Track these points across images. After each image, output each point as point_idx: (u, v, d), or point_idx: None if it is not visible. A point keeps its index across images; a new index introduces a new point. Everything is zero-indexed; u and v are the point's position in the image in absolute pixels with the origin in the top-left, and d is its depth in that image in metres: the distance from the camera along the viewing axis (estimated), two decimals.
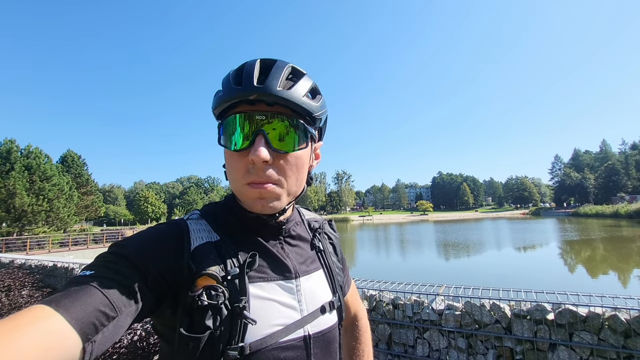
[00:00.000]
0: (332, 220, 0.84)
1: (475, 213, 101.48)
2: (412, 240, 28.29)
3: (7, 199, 24.20)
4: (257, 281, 0.58)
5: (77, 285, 0.43)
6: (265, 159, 0.54)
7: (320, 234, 0.76)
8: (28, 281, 6.75)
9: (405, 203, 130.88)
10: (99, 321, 0.41)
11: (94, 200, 38.73)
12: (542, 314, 2.97)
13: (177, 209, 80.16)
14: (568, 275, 12.98)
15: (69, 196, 29.69)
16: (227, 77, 0.59)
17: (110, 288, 0.44)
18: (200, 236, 0.58)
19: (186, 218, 0.62)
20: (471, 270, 13.83)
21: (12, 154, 25.95)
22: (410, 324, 3.52)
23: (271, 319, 0.56)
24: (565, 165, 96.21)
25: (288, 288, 0.61)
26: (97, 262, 0.49)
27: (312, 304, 0.63)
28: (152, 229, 0.57)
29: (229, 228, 0.62)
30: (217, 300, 0.50)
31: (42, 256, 12.24)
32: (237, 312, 0.52)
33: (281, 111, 0.57)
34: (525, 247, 21.10)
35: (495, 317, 3.18)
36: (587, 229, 33.20)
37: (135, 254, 0.50)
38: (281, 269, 0.62)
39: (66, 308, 0.39)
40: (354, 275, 4.84)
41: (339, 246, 0.83)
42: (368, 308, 3.82)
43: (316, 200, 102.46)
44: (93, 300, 0.42)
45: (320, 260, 0.72)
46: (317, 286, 0.67)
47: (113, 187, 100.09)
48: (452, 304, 3.43)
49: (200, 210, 0.66)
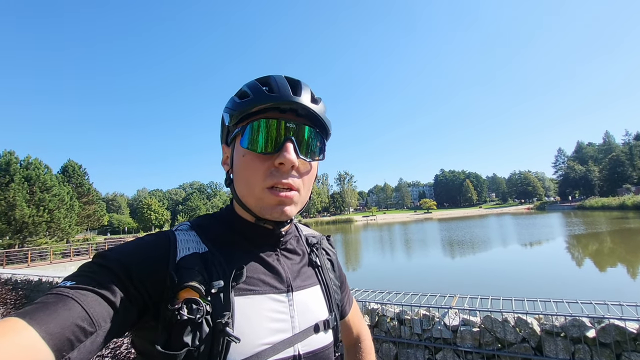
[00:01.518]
0: (330, 236, 0.82)
1: (479, 209, 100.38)
2: (418, 240, 27.64)
3: (8, 210, 24.08)
4: (246, 294, 0.55)
5: (56, 297, 0.41)
6: (295, 164, 0.56)
7: (318, 249, 0.73)
8: (10, 298, 6.37)
9: (408, 202, 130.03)
10: (76, 337, 0.39)
11: (95, 210, 38.65)
12: (581, 331, 2.46)
13: (180, 216, 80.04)
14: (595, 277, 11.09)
15: (70, 206, 29.57)
16: (256, 85, 0.60)
17: (90, 301, 0.42)
18: (187, 247, 0.56)
19: (175, 229, 0.61)
20: (484, 274, 12.50)
21: (11, 166, 25.85)
22: (420, 342, 3.02)
23: (258, 337, 0.53)
24: (568, 159, 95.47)
25: (280, 302, 0.59)
26: (79, 272, 0.47)
27: (305, 321, 0.60)
28: (137, 239, 0.56)
29: (221, 239, 0.61)
30: (196, 315, 0.47)
31: (25, 270, 11.84)
32: (219, 329, 0.49)
33: (307, 123, 0.61)
34: (535, 244, 20.39)
35: (522, 334, 2.67)
36: (597, 222, 32.37)
37: (119, 264, 0.48)
38: (274, 281, 0.60)
39: (41, 322, 0.37)
40: (355, 284, 4.35)
41: (338, 263, 0.79)
42: (370, 324, 3.33)
43: (319, 202, 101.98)
44: (71, 313, 0.40)
45: (318, 276, 0.69)
46: (312, 302, 0.64)
47: (116, 196, 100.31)
48: (468, 318, 2.93)
49: (191, 221, 0.64)
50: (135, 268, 0.49)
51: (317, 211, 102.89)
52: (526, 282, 10.35)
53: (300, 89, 0.60)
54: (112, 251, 0.51)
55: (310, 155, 0.61)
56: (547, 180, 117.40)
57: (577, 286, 9.48)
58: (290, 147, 0.56)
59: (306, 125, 0.60)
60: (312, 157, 0.62)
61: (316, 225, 77.73)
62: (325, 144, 0.65)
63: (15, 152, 26.77)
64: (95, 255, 0.50)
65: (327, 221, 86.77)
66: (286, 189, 0.57)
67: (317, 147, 0.63)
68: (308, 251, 0.72)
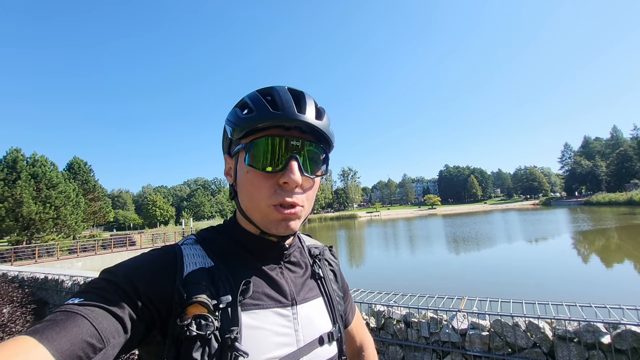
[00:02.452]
0: (332, 247, 0.81)
1: (484, 205, 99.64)
2: (422, 237, 27.50)
3: (15, 207, 24.36)
4: (252, 309, 0.56)
5: (64, 314, 0.41)
6: (299, 183, 0.57)
7: (321, 260, 0.73)
8: (16, 296, 6.41)
9: (412, 198, 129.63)
10: (85, 353, 0.40)
11: (101, 206, 38.98)
12: (595, 337, 2.37)
13: (185, 212, 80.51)
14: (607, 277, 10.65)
15: (76, 203, 29.86)
16: (259, 99, 0.59)
17: (98, 317, 0.43)
18: (194, 262, 0.56)
19: (181, 243, 0.61)
20: (491, 272, 12.25)
21: (18, 163, 26.11)
22: (427, 346, 2.96)
23: (265, 351, 0.53)
24: (575, 154, 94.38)
25: (284, 316, 0.59)
26: (87, 289, 0.47)
27: (309, 334, 0.60)
28: (144, 254, 0.55)
29: (226, 253, 0.61)
30: (206, 331, 0.48)
31: (33, 267, 11.97)
32: (227, 344, 0.49)
33: (311, 139, 0.60)
34: (542, 240, 20.18)
35: (533, 339, 2.59)
36: (605, 218, 31.94)
37: (126, 280, 0.48)
38: (278, 295, 0.60)
39: (51, 339, 0.38)
40: (360, 285, 4.30)
41: (340, 273, 0.79)
42: (376, 326, 3.27)
43: (323, 198, 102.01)
44: (80, 330, 0.40)
45: (320, 288, 0.69)
46: (315, 315, 0.64)
47: (122, 192, 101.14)
48: (477, 321, 2.85)
49: (196, 235, 0.64)
50: (143, 284, 0.49)
51: (320, 207, 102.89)
52: (535, 281, 10.10)
53: (304, 105, 0.59)
54: (119, 267, 0.51)
55: (313, 172, 0.61)
56: (553, 175, 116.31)
57: (589, 288, 9.21)
58: (295, 166, 0.56)
59: (310, 141, 0.60)
60: (316, 173, 0.61)
61: (320, 221, 77.81)
62: (328, 158, 0.65)
63: (21, 149, 26.99)
64: (103, 272, 0.50)
65: (330, 217, 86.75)
66: (291, 205, 0.57)
67: (320, 163, 0.63)
68: (311, 262, 0.71)
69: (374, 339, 3.27)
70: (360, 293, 3.84)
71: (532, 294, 3.37)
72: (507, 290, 8.44)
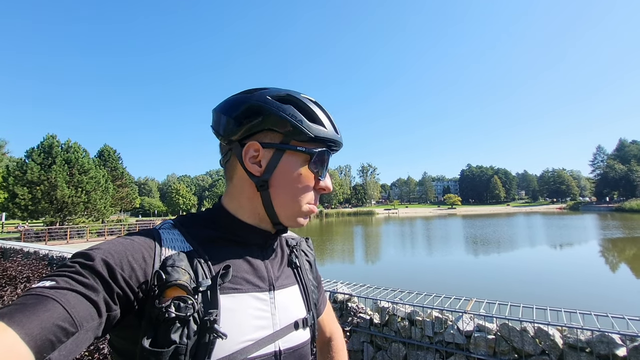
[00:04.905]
0: (308, 238, 0.84)
1: (507, 207, 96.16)
2: (439, 237, 26.92)
3: (50, 190, 25.86)
4: (230, 292, 0.57)
5: (35, 298, 0.40)
6: (331, 190, 0.69)
7: (298, 250, 0.76)
8: (46, 273, 6.86)
9: (432, 196, 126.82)
10: (57, 337, 0.39)
11: (128, 193, 40.74)
12: (610, 348, 2.25)
13: (206, 201, 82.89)
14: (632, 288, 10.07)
15: (105, 188, 31.30)
16: (323, 113, 0.66)
17: (71, 301, 0.41)
18: (172, 245, 0.57)
19: (158, 227, 0.61)
20: (504, 277, 11.78)
21: (53, 149, 27.58)
22: (430, 345, 2.92)
23: (242, 333, 0.55)
24: (608, 157, 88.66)
25: (262, 300, 0.61)
26: (59, 272, 0.45)
27: (285, 319, 0.63)
28: (121, 238, 0.55)
29: (205, 238, 0.61)
30: (185, 312, 0.48)
31: (64, 247, 12.75)
32: (207, 326, 0.50)
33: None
34: (565, 246, 19.24)
35: (542, 346, 2.49)
36: (638, 225, 29.91)
37: (101, 263, 0.47)
38: (257, 280, 0.62)
39: (20, 323, 0.37)
40: (367, 280, 4.28)
41: (315, 264, 0.83)
42: (380, 322, 3.26)
43: (341, 193, 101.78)
44: (51, 314, 0.39)
45: (296, 276, 0.72)
46: (291, 301, 0.66)
47: (148, 180, 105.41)
48: (484, 324, 2.78)
49: (173, 220, 0.64)
50: (119, 267, 0.48)
51: (338, 202, 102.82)
52: (551, 287, 9.73)
53: (333, 122, 0.67)
54: (96, 250, 0.49)
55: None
56: (583, 179, 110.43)
57: (609, 297, 8.71)
58: (329, 175, 0.68)
59: None
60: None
61: (337, 216, 77.86)
62: None
63: (57, 135, 28.54)
64: (76, 255, 0.48)
65: (348, 212, 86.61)
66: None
67: None
68: (288, 252, 0.74)
69: (377, 335, 3.26)
70: (367, 289, 3.83)
71: (545, 299, 3.21)
72: (519, 295, 8.10)
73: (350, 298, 3.60)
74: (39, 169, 25.38)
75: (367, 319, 3.34)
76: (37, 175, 24.94)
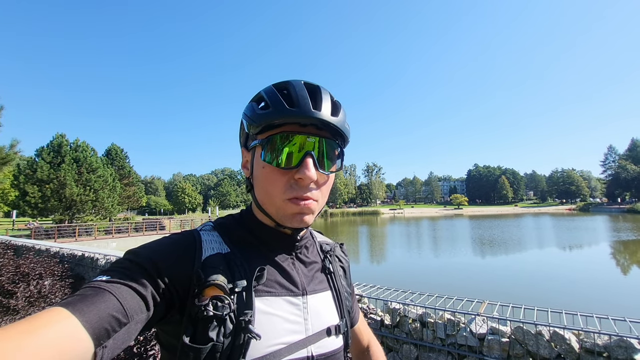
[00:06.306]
0: (343, 244, 0.82)
1: (515, 208, 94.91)
2: (446, 237, 26.73)
3: (59, 189, 26.27)
4: (264, 295, 0.58)
5: (93, 290, 0.45)
6: (314, 179, 0.58)
7: (332, 256, 0.75)
8: (57, 270, 6.97)
9: (438, 196, 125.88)
10: (112, 327, 0.43)
11: (135, 191, 41.21)
12: (628, 353, 2.21)
13: (211, 200, 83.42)
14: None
15: (113, 187, 31.69)
16: (275, 94, 0.60)
17: (124, 294, 0.46)
18: (212, 247, 0.60)
19: (199, 229, 0.64)
20: (517, 279, 11.60)
21: (62, 148, 28.01)
22: (442, 347, 2.89)
23: (275, 336, 0.56)
24: (620, 157, 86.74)
25: (294, 304, 0.61)
26: (113, 268, 0.50)
27: (317, 324, 0.63)
28: (166, 238, 0.59)
29: (241, 241, 0.64)
30: (222, 312, 0.51)
31: (73, 245, 12.94)
32: (242, 326, 0.52)
33: (327, 136, 0.61)
34: (576, 248, 18.96)
35: (557, 349, 2.45)
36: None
37: (149, 261, 0.52)
38: (289, 284, 0.63)
39: (81, 312, 0.41)
40: (377, 281, 4.26)
41: (349, 271, 0.81)
42: (391, 323, 3.24)
43: (346, 192, 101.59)
44: (107, 305, 0.43)
45: (330, 282, 0.71)
46: (324, 307, 0.66)
47: (154, 179, 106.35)
48: (497, 327, 2.74)
49: (214, 222, 0.67)
50: (164, 265, 0.52)
51: (343, 202, 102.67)
52: (565, 290, 9.57)
53: (320, 100, 0.59)
54: (143, 248, 0.54)
55: (328, 168, 0.62)
56: (593, 179, 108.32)
57: (626, 301, 8.54)
58: (310, 162, 0.57)
59: (325, 137, 0.61)
60: (330, 169, 0.63)
61: (342, 215, 77.73)
62: (343, 153, 0.66)
63: (66, 134, 28.97)
64: (127, 252, 0.54)
65: (353, 212, 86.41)
66: (305, 199, 0.59)
67: (335, 158, 0.64)
68: (322, 257, 0.73)
69: (388, 337, 3.25)
70: (377, 290, 3.81)
71: (560, 303, 3.16)
72: (531, 298, 8.00)
73: (360, 299, 3.58)
74: (48, 167, 25.81)
75: (378, 320, 3.32)
76: (46, 174, 25.37)
